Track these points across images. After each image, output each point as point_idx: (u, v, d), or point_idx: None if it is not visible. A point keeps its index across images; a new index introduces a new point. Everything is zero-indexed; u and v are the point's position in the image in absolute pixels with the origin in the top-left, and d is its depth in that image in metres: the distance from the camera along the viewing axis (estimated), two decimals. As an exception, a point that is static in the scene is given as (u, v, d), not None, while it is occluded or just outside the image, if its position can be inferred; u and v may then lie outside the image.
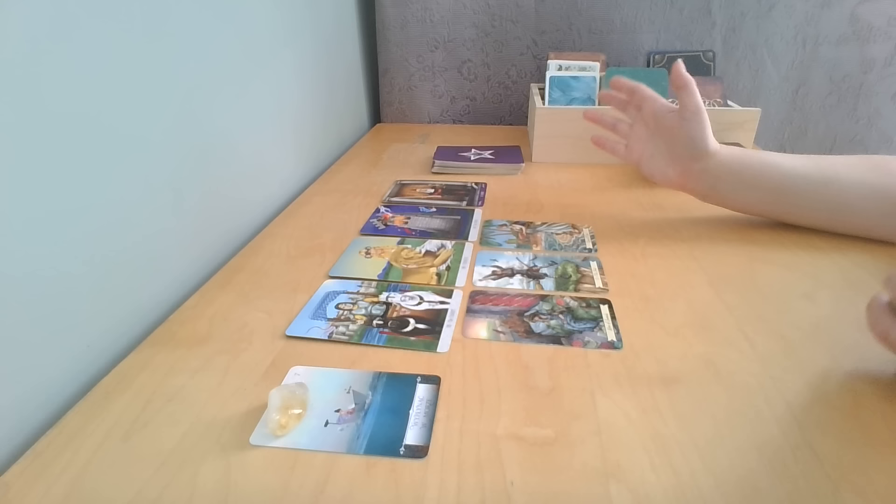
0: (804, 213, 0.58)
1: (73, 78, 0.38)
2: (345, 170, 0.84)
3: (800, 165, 0.56)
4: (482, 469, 0.31)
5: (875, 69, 0.98)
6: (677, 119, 0.58)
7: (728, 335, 0.43)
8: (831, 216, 0.56)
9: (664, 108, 0.59)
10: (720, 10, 0.97)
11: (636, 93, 0.62)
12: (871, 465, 0.31)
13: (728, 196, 0.59)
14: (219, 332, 0.44)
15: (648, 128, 0.62)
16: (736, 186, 0.58)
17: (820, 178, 0.55)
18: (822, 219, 0.57)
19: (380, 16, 1.03)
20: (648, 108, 0.61)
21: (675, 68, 0.57)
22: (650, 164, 0.62)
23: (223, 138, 0.58)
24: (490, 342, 0.42)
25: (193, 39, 0.52)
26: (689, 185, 0.60)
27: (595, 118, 0.67)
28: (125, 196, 0.44)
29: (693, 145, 0.57)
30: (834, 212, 0.56)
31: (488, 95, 1.09)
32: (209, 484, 0.31)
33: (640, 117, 0.62)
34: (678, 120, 0.58)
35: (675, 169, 0.60)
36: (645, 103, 0.61)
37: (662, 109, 0.59)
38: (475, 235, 0.61)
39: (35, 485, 0.31)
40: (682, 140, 0.58)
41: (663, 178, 0.61)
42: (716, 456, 0.32)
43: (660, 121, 0.60)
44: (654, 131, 0.61)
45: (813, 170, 0.56)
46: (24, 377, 0.36)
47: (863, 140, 1.04)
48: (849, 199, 0.55)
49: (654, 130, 0.61)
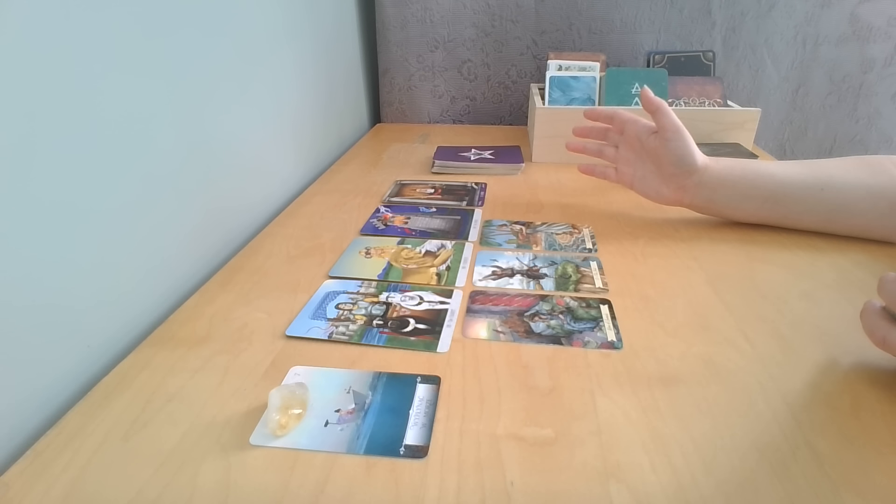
0: (802, 219, 0.58)
1: (73, 78, 0.38)
2: (345, 170, 0.84)
3: (794, 173, 0.56)
4: (482, 469, 0.31)
5: (875, 69, 0.98)
6: (660, 140, 0.58)
7: (727, 335, 0.43)
8: (829, 219, 0.56)
9: (645, 130, 0.60)
10: (720, 10, 0.97)
11: (615, 118, 0.63)
12: (871, 465, 0.31)
13: (725, 207, 0.59)
14: (219, 332, 0.44)
15: (634, 150, 0.62)
16: (732, 196, 0.58)
17: (815, 184, 0.55)
18: (819, 222, 0.57)
19: (380, 16, 1.03)
20: (631, 131, 0.62)
21: (644, 95, 0.58)
22: (643, 186, 0.62)
23: (223, 138, 0.58)
24: (490, 342, 0.42)
25: (193, 39, 0.52)
26: (685, 199, 0.60)
27: (578, 148, 0.67)
28: (125, 196, 0.44)
29: (681, 162, 0.57)
30: (831, 214, 0.56)
31: (488, 95, 1.09)
32: (209, 484, 0.31)
33: (625, 140, 0.63)
34: (661, 140, 0.58)
35: (669, 187, 0.60)
36: (626, 126, 0.62)
37: (644, 132, 0.60)
38: (475, 235, 0.61)
39: (35, 485, 0.31)
40: (669, 159, 0.58)
41: (658, 196, 0.61)
42: (716, 456, 0.32)
43: (644, 143, 0.60)
44: (640, 153, 0.62)
45: (808, 176, 0.56)
46: (25, 377, 0.36)
47: (863, 140, 1.04)
48: (845, 202, 0.55)
49: (639, 152, 0.62)
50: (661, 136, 0.58)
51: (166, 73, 0.48)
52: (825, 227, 0.57)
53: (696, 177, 0.58)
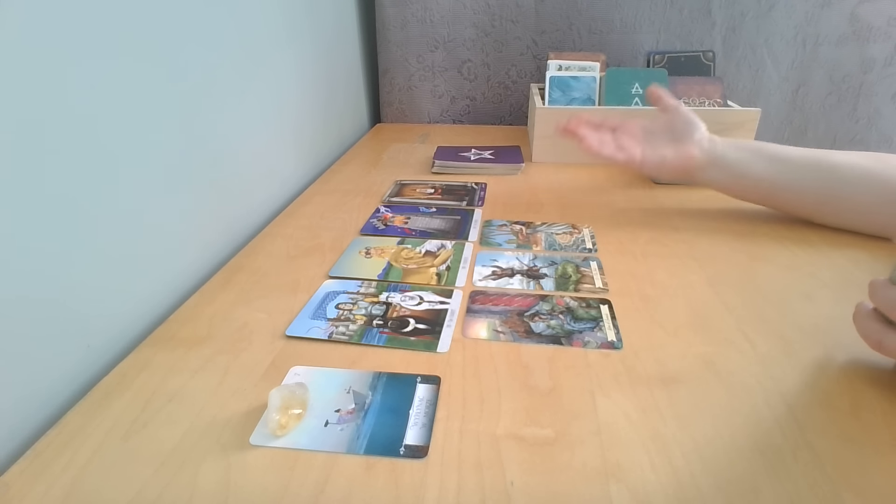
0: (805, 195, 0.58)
1: (73, 79, 0.38)
2: (345, 170, 0.84)
3: (795, 149, 0.59)
4: (482, 469, 0.31)
5: (875, 69, 0.98)
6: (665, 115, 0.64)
7: (728, 335, 0.43)
8: (830, 200, 0.57)
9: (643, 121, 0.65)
10: (720, 10, 0.97)
11: (605, 123, 0.66)
12: (871, 465, 0.31)
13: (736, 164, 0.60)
14: (219, 332, 0.44)
15: (635, 135, 0.65)
16: (740, 155, 0.60)
17: (814, 159, 0.58)
18: (821, 202, 0.58)
19: (380, 16, 1.03)
20: (627, 125, 0.65)
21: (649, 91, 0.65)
22: (653, 155, 0.63)
23: (223, 138, 0.58)
24: (490, 342, 0.42)
25: (193, 40, 0.52)
26: (699, 155, 0.61)
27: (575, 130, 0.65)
28: (125, 196, 0.44)
29: (692, 121, 0.62)
30: (832, 192, 0.57)
31: (488, 95, 1.09)
32: (209, 484, 0.31)
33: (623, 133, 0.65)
34: (668, 114, 0.63)
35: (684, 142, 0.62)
36: (624, 124, 0.66)
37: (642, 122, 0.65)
38: (475, 235, 0.61)
39: (35, 485, 0.31)
40: (680, 118, 0.62)
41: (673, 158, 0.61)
42: (716, 456, 0.32)
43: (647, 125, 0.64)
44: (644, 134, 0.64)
45: (808, 152, 0.58)
46: (25, 377, 0.36)
47: (863, 140, 1.04)
48: (844, 181, 0.56)
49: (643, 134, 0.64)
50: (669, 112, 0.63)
51: (167, 73, 0.48)
52: (826, 206, 0.58)
53: (706, 134, 0.62)
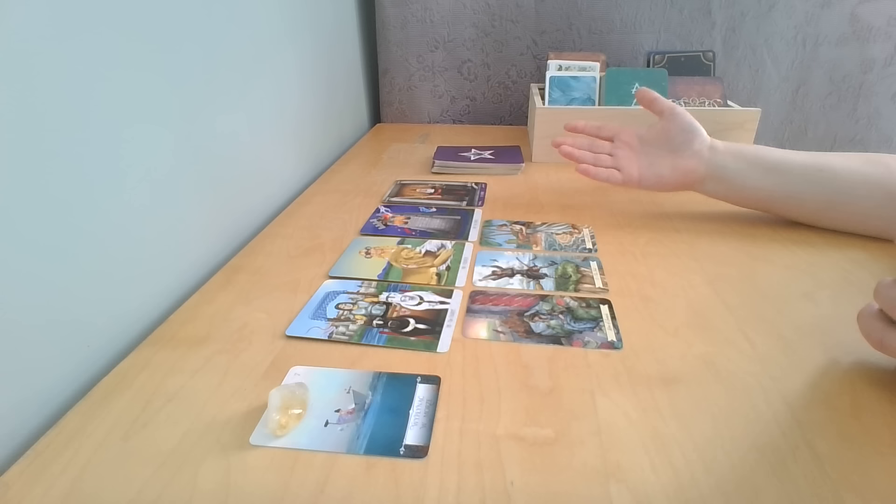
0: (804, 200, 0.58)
1: (72, 79, 0.38)
2: (345, 170, 0.84)
3: (794, 154, 0.59)
4: (482, 469, 0.31)
5: (875, 69, 0.98)
6: (663, 121, 0.62)
7: (728, 335, 0.43)
8: (829, 204, 0.57)
9: (639, 131, 0.64)
10: (720, 10, 0.97)
11: (603, 129, 0.66)
12: (871, 465, 0.31)
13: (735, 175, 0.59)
14: (219, 332, 0.44)
15: (633, 147, 0.64)
16: (740, 165, 0.59)
17: (814, 164, 0.57)
18: (820, 206, 0.58)
19: (380, 16, 1.03)
20: (624, 135, 0.65)
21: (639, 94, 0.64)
22: (651, 172, 0.62)
23: (223, 138, 0.58)
24: (490, 342, 0.42)
25: (194, 40, 0.52)
26: (699, 167, 0.60)
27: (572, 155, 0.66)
28: (125, 196, 0.44)
29: (690, 126, 0.61)
30: (831, 196, 0.57)
31: (488, 95, 1.09)
32: (209, 484, 0.31)
33: (620, 145, 0.65)
34: (665, 121, 0.62)
35: (683, 155, 0.61)
36: (618, 133, 0.65)
37: (638, 131, 0.64)
38: (475, 235, 0.61)
39: (35, 485, 0.31)
40: (678, 126, 0.61)
41: (671, 173, 0.61)
42: (716, 456, 0.32)
43: (643, 136, 0.64)
44: (640, 147, 0.64)
45: (807, 157, 0.58)
46: (25, 377, 0.36)
47: (863, 140, 1.04)
48: (843, 186, 0.56)
49: (640, 147, 0.64)
50: (665, 118, 0.62)
51: (167, 73, 0.48)
52: (826, 213, 0.58)
53: (706, 141, 0.61)
